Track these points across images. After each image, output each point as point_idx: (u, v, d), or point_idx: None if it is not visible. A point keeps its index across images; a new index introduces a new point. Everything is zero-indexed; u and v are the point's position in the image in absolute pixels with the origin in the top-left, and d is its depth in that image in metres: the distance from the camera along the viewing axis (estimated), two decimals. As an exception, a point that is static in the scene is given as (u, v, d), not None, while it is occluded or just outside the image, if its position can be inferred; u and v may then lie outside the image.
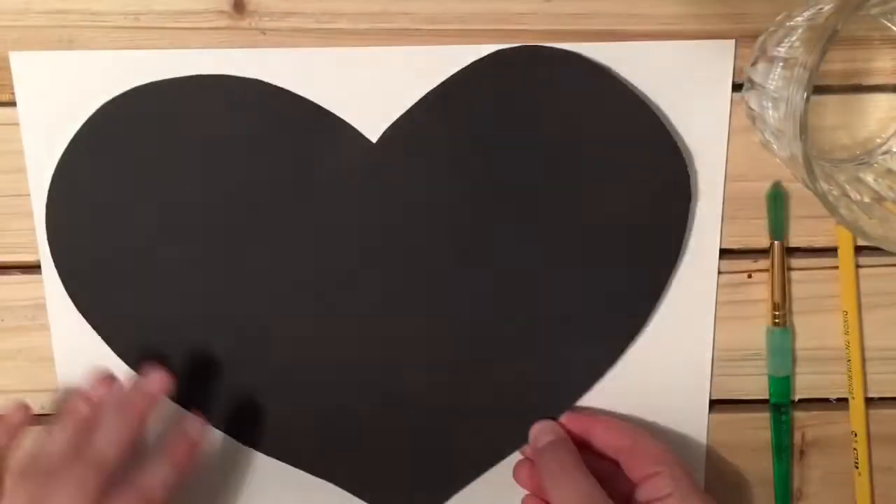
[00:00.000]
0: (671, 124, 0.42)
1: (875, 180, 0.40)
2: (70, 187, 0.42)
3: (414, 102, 0.41)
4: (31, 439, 0.42)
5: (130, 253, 0.43)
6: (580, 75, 0.41)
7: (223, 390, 0.45)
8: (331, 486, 0.46)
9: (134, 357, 0.44)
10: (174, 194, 0.42)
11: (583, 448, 0.42)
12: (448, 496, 0.47)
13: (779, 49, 0.37)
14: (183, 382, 0.44)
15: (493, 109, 0.41)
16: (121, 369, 0.44)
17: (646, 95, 0.41)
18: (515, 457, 0.45)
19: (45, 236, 0.43)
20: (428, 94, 0.41)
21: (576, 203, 0.42)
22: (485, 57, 0.41)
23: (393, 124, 0.42)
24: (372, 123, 0.42)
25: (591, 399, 0.45)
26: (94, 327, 0.44)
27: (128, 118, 0.41)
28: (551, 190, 0.42)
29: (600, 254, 0.43)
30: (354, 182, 0.42)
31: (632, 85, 0.41)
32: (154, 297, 0.43)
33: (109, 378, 0.44)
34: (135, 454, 0.41)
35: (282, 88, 0.41)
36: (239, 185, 0.42)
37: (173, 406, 0.45)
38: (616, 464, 0.42)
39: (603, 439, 0.43)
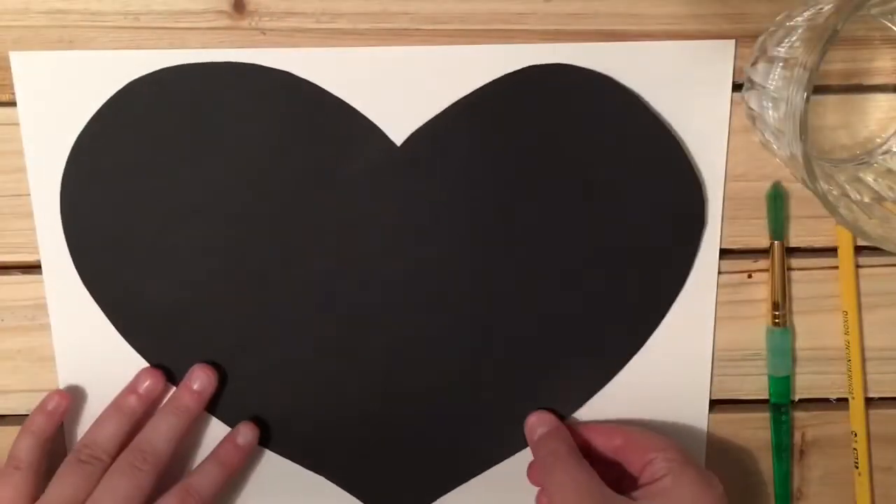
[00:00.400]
0: (671, 124, 0.42)
1: (875, 180, 0.40)
2: (87, 168, 0.42)
3: (442, 109, 0.41)
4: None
5: (145, 239, 0.43)
6: (609, 98, 0.41)
7: (227, 380, 0.45)
8: (324, 482, 0.46)
9: (143, 344, 0.44)
10: (194, 181, 0.42)
11: (586, 457, 0.42)
12: (439, 495, 0.47)
13: (779, 49, 0.37)
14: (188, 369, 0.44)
15: (521, 123, 0.41)
16: (122, 367, 0.44)
17: (645, 96, 0.41)
18: (511, 458, 0.46)
19: (44, 236, 0.43)
20: (457, 101, 0.41)
21: (595, 221, 0.43)
22: (517, 71, 0.41)
23: (420, 129, 0.42)
24: (396, 126, 0.42)
25: (590, 400, 0.45)
26: (107, 314, 0.44)
27: (152, 100, 0.41)
28: (569, 204, 0.42)
29: (611, 271, 0.43)
30: (376, 182, 0.42)
31: (632, 86, 0.41)
32: (164, 284, 0.43)
33: (155, 373, 0.44)
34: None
35: (312, 83, 0.41)
36: (259, 176, 0.42)
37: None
38: (621, 465, 0.42)
39: (598, 444, 0.43)
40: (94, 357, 0.44)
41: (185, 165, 0.42)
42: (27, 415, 0.46)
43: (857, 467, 0.46)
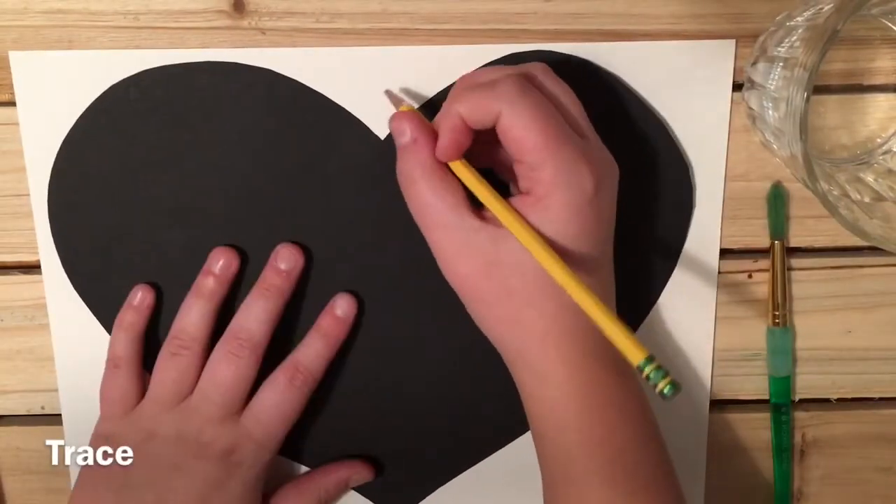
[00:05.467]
0: (671, 124, 0.42)
1: (875, 180, 0.40)
2: (74, 171, 0.42)
3: (425, 102, 0.41)
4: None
5: (133, 239, 0.43)
6: (590, 82, 0.41)
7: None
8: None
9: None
10: (181, 181, 0.42)
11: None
12: (437, 486, 0.47)
13: (779, 49, 0.37)
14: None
15: None
16: (120, 369, 0.44)
17: (646, 95, 0.41)
18: (505, 453, 0.46)
19: (45, 236, 0.43)
20: (439, 94, 0.41)
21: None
22: (497, 60, 0.41)
23: None
24: (381, 121, 0.42)
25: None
26: (97, 316, 0.44)
27: (135, 102, 0.41)
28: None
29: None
30: (361, 177, 0.42)
31: (633, 85, 0.41)
32: (154, 285, 0.43)
33: (229, 252, 0.43)
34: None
35: (293, 80, 0.41)
36: (246, 175, 0.42)
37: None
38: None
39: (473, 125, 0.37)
40: (94, 357, 0.44)
41: (170, 166, 0.42)
42: (27, 415, 0.46)
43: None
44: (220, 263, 0.42)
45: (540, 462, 0.39)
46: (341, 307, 0.43)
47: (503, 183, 0.40)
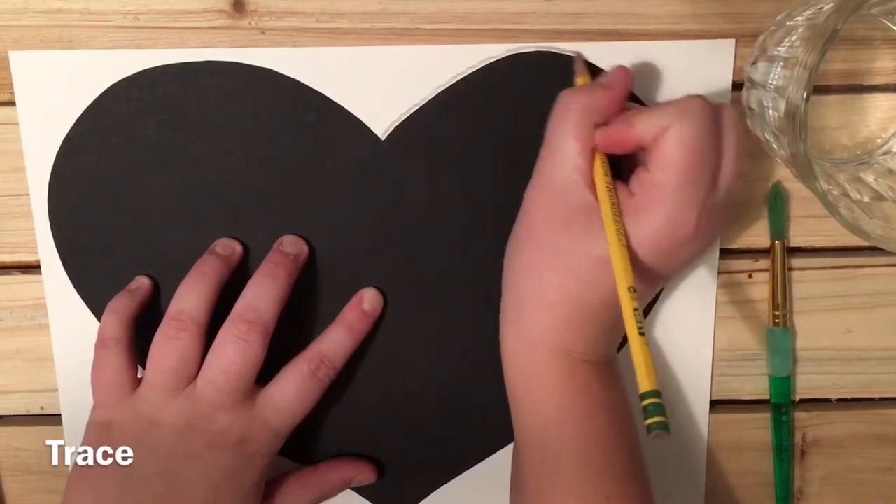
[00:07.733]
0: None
1: (875, 180, 0.40)
2: (74, 171, 0.42)
3: (425, 101, 0.41)
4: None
5: (133, 239, 0.43)
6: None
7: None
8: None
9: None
10: (181, 181, 0.42)
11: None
12: (437, 487, 0.47)
13: (779, 48, 0.37)
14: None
15: (503, 111, 0.41)
16: (120, 369, 0.44)
17: (646, 95, 0.41)
18: (505, 454, 0.45)
19: (44, 236, 0.43)
20: (439, 93, 0.41)
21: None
22: (498, 59, 0.41)
23: (403, 122, 0.42)
24: (380, 120, 0.42)
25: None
26: (97, 316, 0.44)
27: (137, 101, 0.41)
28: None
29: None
30: (361, 177, 0.42)
31: (633, 85, 0.41)
32: (156, 283, 0.43)
33: (232, 240, 0.42)
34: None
35: (292, 79, 0.41)
36: (246, 174, 0.42)
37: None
38: None
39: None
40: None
41: (170, 166, 0.42)
42: (27, 415, 0.46)
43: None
44: (225, 247, 0.42)
45: (515, 428, 0.40)
46: (369, 301, 0.43)
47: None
